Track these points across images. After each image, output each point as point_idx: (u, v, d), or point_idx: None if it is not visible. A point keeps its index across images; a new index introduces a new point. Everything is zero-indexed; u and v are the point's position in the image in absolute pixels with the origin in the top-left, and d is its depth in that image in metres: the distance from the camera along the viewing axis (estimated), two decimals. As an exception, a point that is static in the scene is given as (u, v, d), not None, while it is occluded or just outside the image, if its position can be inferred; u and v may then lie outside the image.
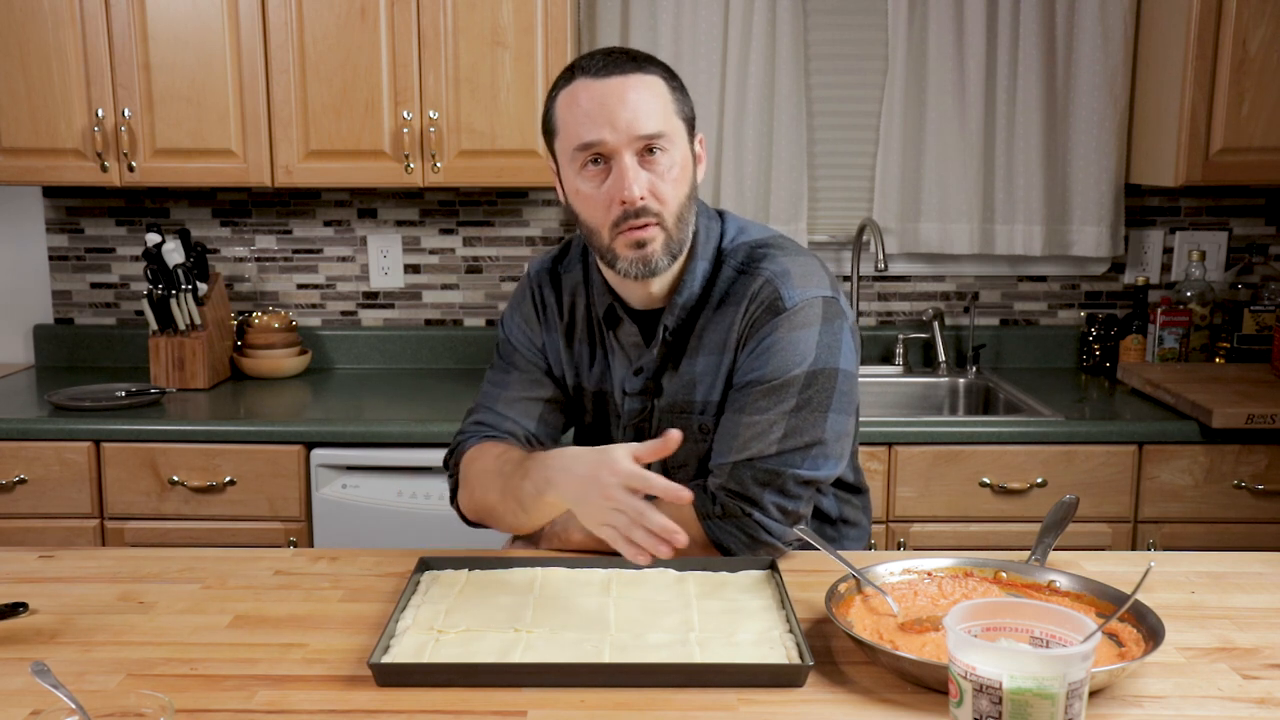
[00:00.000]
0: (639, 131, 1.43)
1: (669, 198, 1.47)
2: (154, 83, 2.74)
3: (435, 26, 2.71)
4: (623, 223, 1.46)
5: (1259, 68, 2.69)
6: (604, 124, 1.43)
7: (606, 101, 1.43)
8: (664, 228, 1.47)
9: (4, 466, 2.57)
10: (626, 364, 1.62)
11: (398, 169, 2.77)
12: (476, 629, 1.27)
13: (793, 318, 1.49)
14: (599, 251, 1.52)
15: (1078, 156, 3.03)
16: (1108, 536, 2.57)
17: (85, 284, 3.21)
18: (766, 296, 1.51)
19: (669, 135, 1.46)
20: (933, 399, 3.09)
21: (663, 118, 1.46)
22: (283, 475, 2.56)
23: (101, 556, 1.57)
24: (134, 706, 1.03)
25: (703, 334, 1.56)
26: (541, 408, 1.67)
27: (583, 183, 1.48)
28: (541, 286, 1.70)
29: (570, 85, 1.47)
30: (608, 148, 1.44)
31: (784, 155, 3.04)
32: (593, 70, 1.46)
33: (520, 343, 1.70)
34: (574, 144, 1.46)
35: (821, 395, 1.49)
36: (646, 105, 1.44)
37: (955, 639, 1.01)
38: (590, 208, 1.48)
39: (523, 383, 1.68)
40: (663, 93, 1.47)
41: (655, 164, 1.45)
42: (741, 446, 1.49)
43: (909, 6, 2.98)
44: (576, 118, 1.45)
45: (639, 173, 1.44)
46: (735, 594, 1.37)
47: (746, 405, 1.50)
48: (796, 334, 1.49)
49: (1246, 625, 1.33)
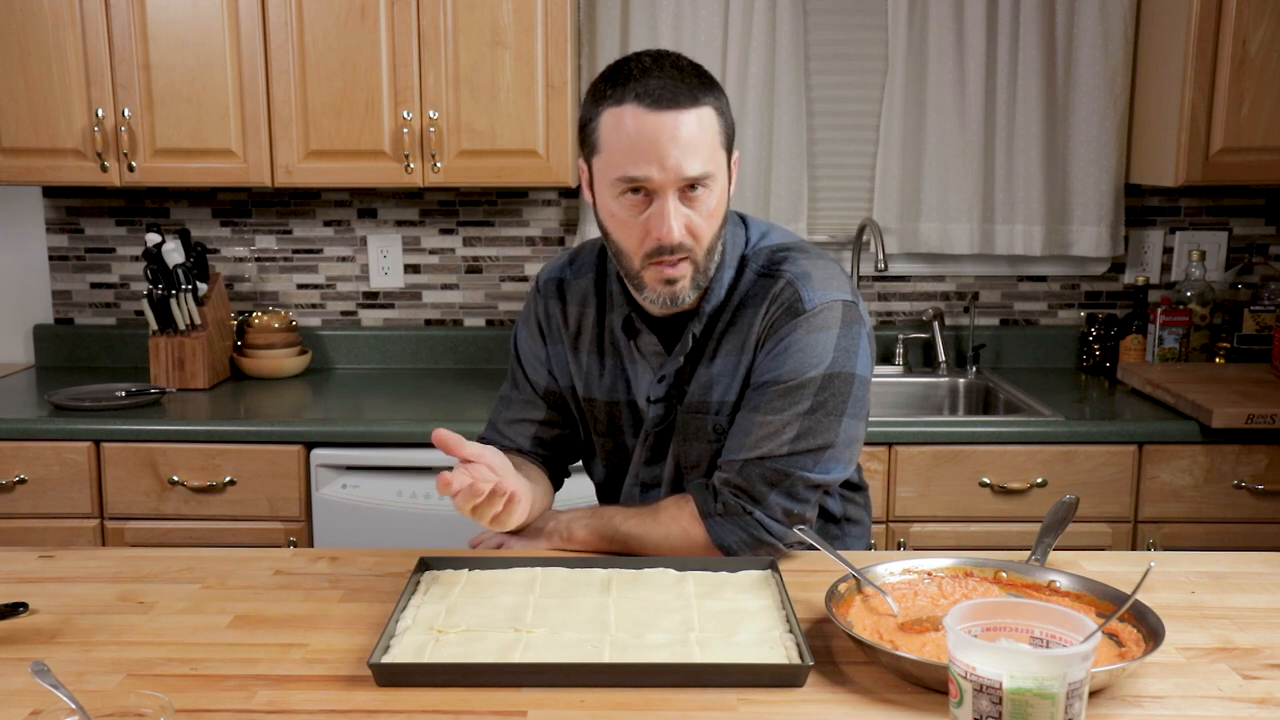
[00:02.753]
0: (687, 174, 1.41)
1: (704, 234, 1.46)
2: (154, 83, 2.74)
3: (435, 26, 2.71)
4: (655, 255, 1.45)
5: (1259, 68, 2.69)
6: (653, 162, 1.40)
7: (659, 140, 1.39)
8: (694, 262, 1.47)
9: (4, 466, 2.57)
10: (649, 372, 1.61)
11: (398, 169, 2.77)
12: (476, 629, 1.27)
13: (811, 320, 1.49)
14: (626, 274, 1.52)
15: (1078, 156, 3.03)
16: (1108, 536, 2.57)
17: (85, 284, 3.21)
18: (787, 298, 1.51)
19: (713, 174, 1.44)
20: (933, 399, 3.09)
21: (710, 156, 1.43)
22: (283, 475, 2.56)
23: (101, 556, 1.57)
24: (134, 706, 1.03)
25: (723, 336, 1.56)
26: (535, 429, 1.71)
27: (619, 208, 1.46)
28: (546, 299, 1.70)
29: (620, 107, 1.41)
30: (653, 185, 1.42)
31: (784, 155, 3.04)
32: (648, 99, 1.40)
33: (525, 357, 1.72)
34: (617, 173, 1.43)
35: (836, 399, 1.49)
36: (697, 145, 1.41)
37: (955, 639, 1.01)
38: (624, 233, 1.47)
39: (520, 403, 1.73)
40: (712, 126, 1.43)
41: (696, 201, 1.44)
42: (753, 445, 1.49)
43: (909, 6, 2.98)
44: (623, 147, 1.41)
45: (680, 212, 1.43)
46: (735, 594, 1.37)
47: (761, 405, 1.50)
48: (815, 336, 1.49)
49: (1246, 625, 1.33)
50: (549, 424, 1.72)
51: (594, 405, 1.68)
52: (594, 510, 1.60)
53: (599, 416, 1.68)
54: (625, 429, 1.67)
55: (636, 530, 1.54)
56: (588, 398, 1.68)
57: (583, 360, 1.67)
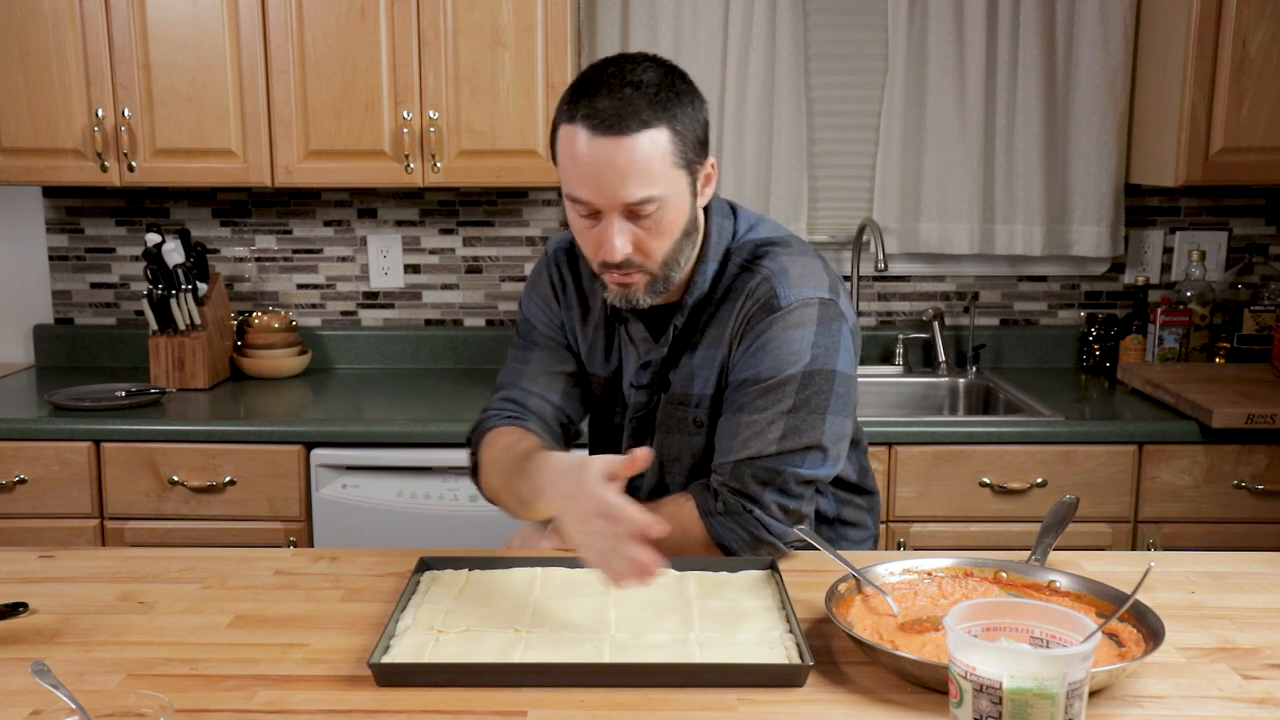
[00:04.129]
0: (627, 200, 1.40)
1: (655, 251, 1.46)
2: (154, 83, 2.74)
3: (435, 26, 2.71)
4: (604, 270, 1.48)
5: (1259, 68, 2.69)
6: (594, 187, 1.40)
7: (599, 167, 1.39)
8: (648, 273, 1.48)
9: (4, 466, 2.57)
10: (636, 358, 1.63)
11: (398, 169, 2.77)
12: (476, 629, 1.28)
13: (787, 317, 1.49)
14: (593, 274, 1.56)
15: (1078, 156, 3.03)
16: (1108, 536, 2.57)
17: (85, 284, 3.21)
18: (762, 294, 1.51)
19: (663, 196, 1.42)
20: (933, 399, 3.09)
21: (657, 178, 1.41)
22: (283, 475, 2.56)
23: (101, 556, 1.57)
24: (134, 706, 1.03)
25: (705, 329, 1.57)
26: (565, 381, 1.69)
27: (575, 219, 1.48)
28: (559, 265, 1.71)
29: (573, 125, 1.41)
30: (595, 206, 1.43)
31: (784, 155, 3.04)
32: (594, 120, 1.38)
33: (539, 320, 1.72)
34: (567, 190, 1.45)
35: (819, 397, 1.49)
36: (639, 171, 1.39)
37: (955, 639, 1.01)
38: (582, 240, 1.50)
39: (545, 359, 1.69)
40: (664, 147, 1.41)
41: (644, 218, 1.43)
42: (741, 446, 1.49)
43: (909, 6, 2.98)
44: (572, 167, 1.42)
45: (625, 229, 1.43)
46: (735, 594, 1.37)
47: (744, 405, 1.50)
48: (791, 333, 1.49)
49: (1246, 625, 1.33)
50: (576, 376, 1.70)
51: (594, 379, 1.70)
52: None
53: (596, 392, 1.71)
54: (615, 409, 1.69)
55: None
56: (590, 371, 1.71)
57: (589, 333, 1.69)
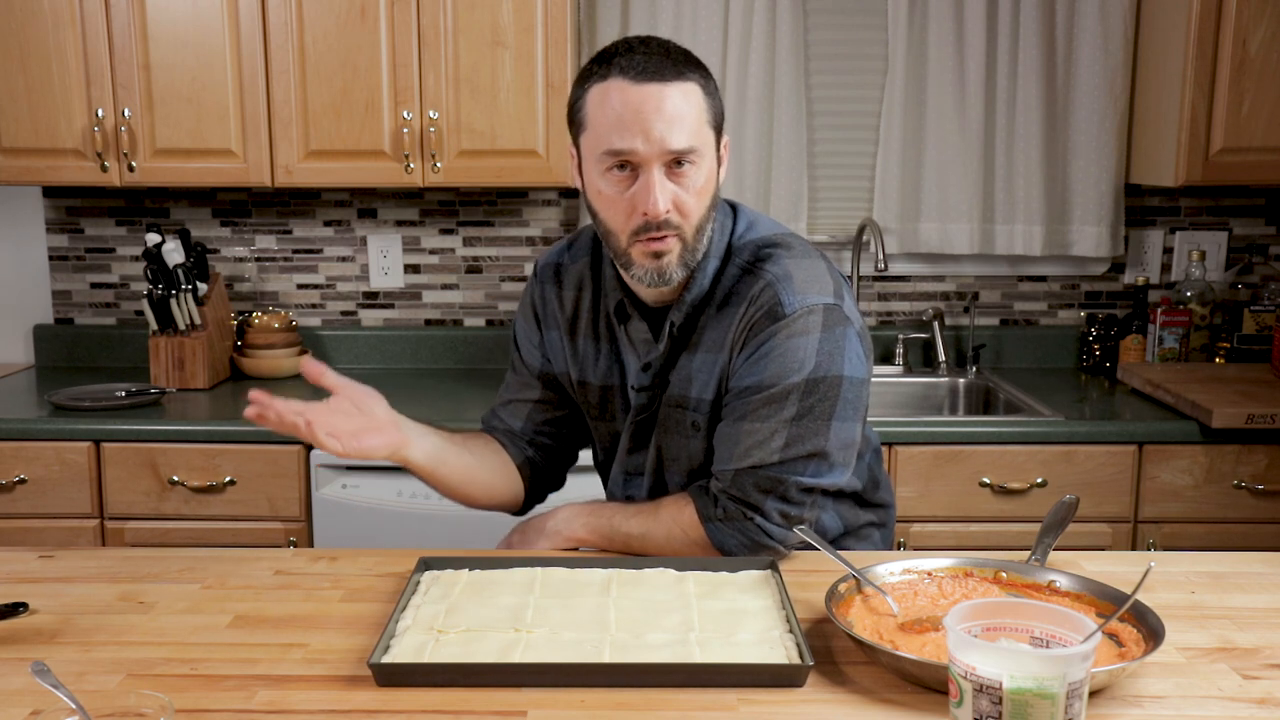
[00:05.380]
0: (671, 147, 1.40)
1: (692, 211, 1.44)
2: (154, 83, 2.74)
3: (435, 26, 2.71)
4: (643, 233, 1.44)
5: (1259, 68, 2.69)
6: (637, 134, 1.39)
7: (642, 110, 1.39)
8: (682, 239, 1.45)
9: (4, 466, 2.57)
10: (636, 359, 1.61)
11: (398, 169, 2.77)
12: (476, 629, 1.27)
13: (791, 325, 1.46)
14: (614, 253, 1.51)
15: (1078, 156, 3.03)
16: (1108, 536, 2.57)
17: (85, 284, 3.21)
18: (766, 301, 1.48)
19: (699, 149, 1.42)
20: (933, 399, 3.09)
21: (696, 131, 1.42)
22: (283, 475, 2.56)
23: (101, 556, 1.56)
24: (134, 706, 1.03)
25: (704, 331, 1.55)
26: (529, 408, 1.74)
27: (606, 185, 1.44)
28: (543, 284, 1.71)
29: (605, 82, 1.41)
30: (638, 158, 1.41)
31: (784, 155, 3.04)
32: (631, 72, 1.40)
33: (521, 343, 1.75)
34: (603, 147, 1.42)
35: (824, 404, 1.47)
36: (681, 118, 1.40)
37: (955, 639, 1.01)
38: (611, 211, 1.46)
39: (516, 385, 1.76)
40: (698, 102, 1.42)
41: (683, 176, 1.43)
42: (743, 454, 1.48)
43: (909, 6, 2.98)
44: (609, 120, 1.41)
45: (666, 186, 1.41)
46: (735, 594, 1.37)
47: (747, 413, 1.48)
48: (794, 341, 1.46)
49: (1246, 625, 1.33)
50: (544, 404, 1.74)
51: (588, 389, 1.68)
52: (594, 508, 1.60)
53: (592, 401, 1.68)
54: (617, 414, 1.67)
55: (637, 529, 1.54)
56: (582, 381, 1.68)
57: (579, 344, 1.67)
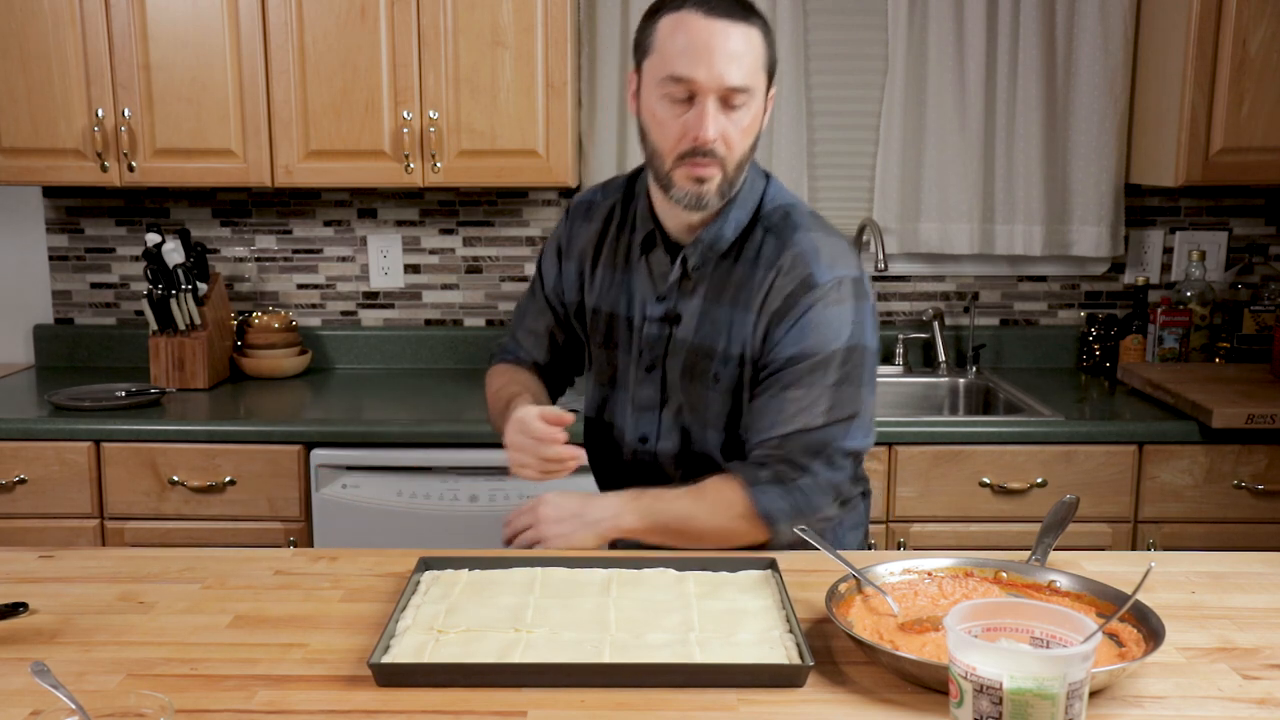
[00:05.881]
0: (729, 82, 1.50)
1: (736, 146, 1.55)
2: (154, 83, 2.74)
3: (435, 26, 2.71)
4: (688, 156, 1.53)
5: (1259, 68, 2.69)
6: (700, 64, 1.49)
7: (710, 43, 1.50)
8: (724, 170, 1.55)
9: (4, 466, 2.57)
10: (651, 290, 1.68)
11: (398, 169, 2.77)
12: (476, 629, 1.27)
13: (827, 295, 1.57)
14: (656, 173, 1.59)
15: (1078, 156, 3.03)
16: (1108, 536, 2.57)
17: (85, 284, 3.21)
18: (800, 272, 1.58)
19: (752, 90, 1.53)
20: (933, 399, 3.09)
21: (752, 72, 1.53)
22: (283, 475, 2.56)
23: (101, 556, 1.57)
24: (134, 706, 1.03)
25: (734, 286, 1.62)
26: (548, 339, 1.85)
27: (662, 108, 1.54)
28: (574, 220, 1.81)
29: (679, 13, 1.52)
30: (697, 87, 1.50)
31: (784, 155, 3.04)
32: (704, 7, 1.51)
33: (545, 272, 1.84)
34: (666, 72, 1.52)
35: (857, 370, 1.58)
36: (741, 57, 1.51)
37: (955, 639, 1.01)
38: (662, 132, 1.55)
39: (533, 312, 1.86)
40: (759, 46, 1.54)
41: (733, 112, 1.53)
42: (789, 419, 1.57)
43: (909, 6, 2.98)
44: (677, 47, 1.51)
45: (718, 117, 1.52)
46: (735, 594, 1.37)
47: (792, 381, 1.57)
48: (831, 310, 1.57)
49: (1246, 625, 1.33)
50: (555, 330, 1.85)
51: (599, 316, 1.75)
52: (637, 494, 1.62)
53: (600, 327, 1.76)
54: (621, 344, 1.73)
55: (684, 510, 1.58)
56: (594, 307, 1.76)
57: (598, 273, 1.75)
